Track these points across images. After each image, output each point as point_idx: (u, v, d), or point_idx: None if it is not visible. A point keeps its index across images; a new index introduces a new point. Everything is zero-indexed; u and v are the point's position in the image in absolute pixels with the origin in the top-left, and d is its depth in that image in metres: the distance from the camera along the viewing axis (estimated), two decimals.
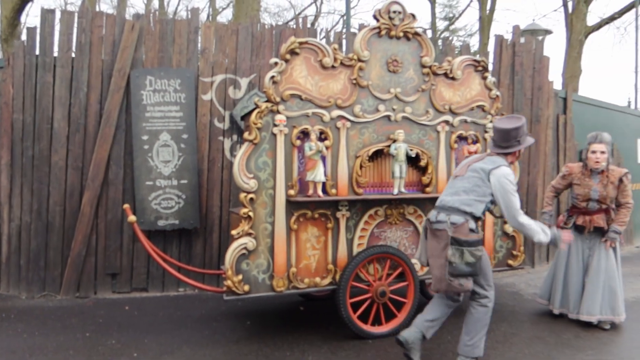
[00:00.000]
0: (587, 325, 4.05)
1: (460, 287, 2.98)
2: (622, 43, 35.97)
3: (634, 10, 14.99)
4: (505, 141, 3.19)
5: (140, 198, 4.86)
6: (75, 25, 4.89)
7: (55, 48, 4.85)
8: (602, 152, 4.00)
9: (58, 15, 4.96)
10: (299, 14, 20.41)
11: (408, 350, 3.14)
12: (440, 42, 6.07)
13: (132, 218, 3.76)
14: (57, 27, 4.87)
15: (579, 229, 4.15)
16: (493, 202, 3.13)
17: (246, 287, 3.49)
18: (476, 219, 3.09)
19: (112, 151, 4.90)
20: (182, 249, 5.10)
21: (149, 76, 4.88)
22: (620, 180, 4.03)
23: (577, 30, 15.66)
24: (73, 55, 4.87)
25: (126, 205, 3.98)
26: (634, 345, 3.74)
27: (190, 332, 3.92)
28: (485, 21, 17.12)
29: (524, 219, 3.08)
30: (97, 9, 11.04)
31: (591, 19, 17.77)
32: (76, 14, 4.90)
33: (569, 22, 16.11)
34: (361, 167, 3.82)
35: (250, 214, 3.50)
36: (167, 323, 4.13)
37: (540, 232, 3.10)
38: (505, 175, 3.05)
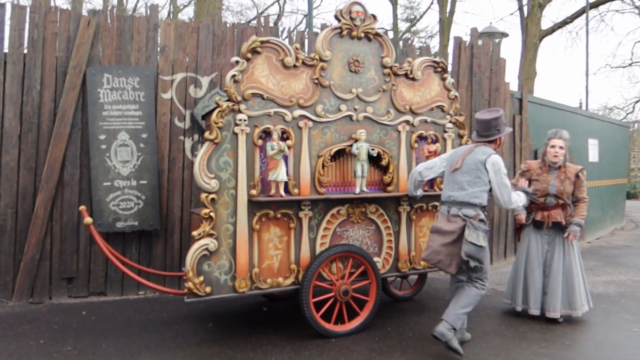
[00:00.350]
0: (541, 317, 4.19)
1: (456, 266, 3.44)
2: (574, 47, 37.61)
3: (585, 15, 15.63)
4: (486, 130, 3.57)
5: (98, 199, 4.72)
6: (28, 20, 4.69)
7: (6, 44, 4.64)
8: (561, 147, 4.17)
9: (9, 9, 4.76)
10: (262, 13, 20.30)
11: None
12: (401, 43, 6.15)
13: (88, 220, 3.65)
14: (7, 22, 4.67)
15: (537, 225, 4.28)
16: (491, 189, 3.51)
17: (208, 289, 3.45)
18: (483, 207, 3.50)
19: (67, 151, 4.74)
20: (142, 251, 4.99)
21: (106, 74, 4.75)
22: (577, 176, 4.22)
23: (532, 34, 16.24)
24: (25, 51, 4.68)
25: (82, 207, 3.86)
26: (584, 337, 3.91)
27: (150, 336, 3.84)
28: (445, 23, 17.51)
29: (514, 198, 3.56)
30: (52, 4, 10.66)
31: (545, 23, 18.48)
32: (28, 9, 4.70)
33: (525, 25, 16.70)
34: (323, 166, 3.84)
35: (212, 214, 3.46)
36: (126, 327, 4.03)
37: (523, 200, 3.77)
38: (497, 162, 3.46)
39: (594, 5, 18.60)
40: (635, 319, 4.35)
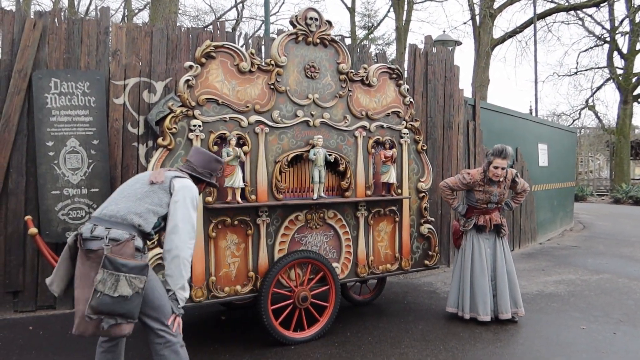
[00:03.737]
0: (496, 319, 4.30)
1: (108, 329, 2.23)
2: (523, 56, 39.20)
3: (533, 25, 16.29)
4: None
5: (45, 209, 4.51)
6: None
7: None
8: (503, 169, 4.19)
9: None
10: (219, 18, 20.13)
11: None
12: (358, 49, 6.22)
13: (32, 230, 3.43)
14: None
15: (480, 229, 4.36)
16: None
17: None
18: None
19: (12, 158, 4.52)
20: None
21: (53, 78, 4.56)
22: (513, 181, 4.39)
23: (484, 42, 16.77)
24: None
25: (28, 217, 3.63)
26: (537, 335, 4.02)
27: None
28: (402, 31, 17.85)
29: None
30: None
31: (496, 33, 19.16)
32: None
33: (477, 34, 17.24)
34: (280, 172, 3.81)
35: None
36: (78, 342, 3.85)
37: None
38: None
39: (541, 16, 19.42)
40: (583, 316, 4.52)
